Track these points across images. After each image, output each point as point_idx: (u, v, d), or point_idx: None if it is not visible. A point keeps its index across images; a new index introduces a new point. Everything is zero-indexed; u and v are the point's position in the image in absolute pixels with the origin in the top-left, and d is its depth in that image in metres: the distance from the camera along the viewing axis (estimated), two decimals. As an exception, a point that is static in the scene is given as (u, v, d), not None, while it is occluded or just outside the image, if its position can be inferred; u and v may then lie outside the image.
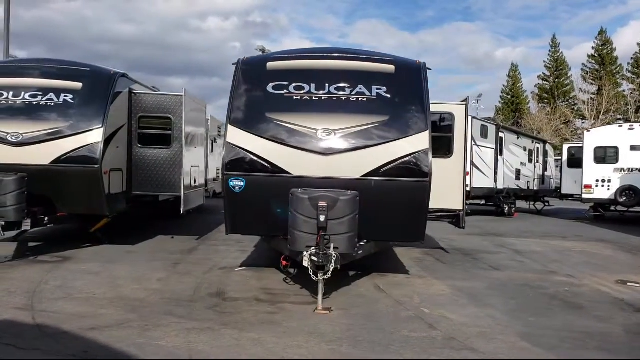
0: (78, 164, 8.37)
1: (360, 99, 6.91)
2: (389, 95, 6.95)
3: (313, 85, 7.02)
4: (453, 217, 9.70)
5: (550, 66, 59.60)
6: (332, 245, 5.98)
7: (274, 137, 6.79)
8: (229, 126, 6.88)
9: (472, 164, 16.04)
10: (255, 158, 6.77)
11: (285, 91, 7.01)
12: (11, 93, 8.62)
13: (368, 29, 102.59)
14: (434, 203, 9.27)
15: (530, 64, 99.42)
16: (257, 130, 6.84)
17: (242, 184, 6.80)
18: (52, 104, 8.58)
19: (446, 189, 9.19)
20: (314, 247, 5.94)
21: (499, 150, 17.95)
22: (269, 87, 7.05)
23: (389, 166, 6.67)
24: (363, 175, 6.69)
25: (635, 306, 6.62)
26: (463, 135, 9.29)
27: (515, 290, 7.35)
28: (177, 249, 9.78)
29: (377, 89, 6.97)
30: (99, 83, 8.93)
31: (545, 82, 59.73)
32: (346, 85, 7.00)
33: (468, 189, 15.71)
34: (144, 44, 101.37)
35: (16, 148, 8.35)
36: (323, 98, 6.94)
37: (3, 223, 7.72)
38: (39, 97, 8.60)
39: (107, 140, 8.72)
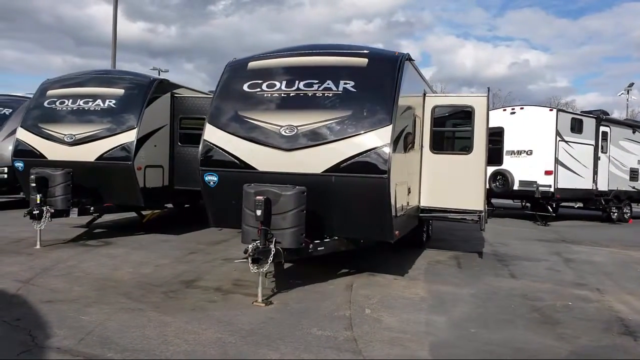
0: (114, 161, 9.52)
1: (326, 95, 6.85)
2: (355, 90, 6.77)
3: (284, 82, 7.12)
4: (477, 218, 8.96)
5: None
6: (274, 240, 6.08)
7: (243, 134, 7.05)
8: (206, 124, 7.30)
9: (558, 161, 14.44)
10: (227, 154, 7.11)
11: (258, 89, 7.22)
12: (70, 100, 10.11)
13: (520, 19, 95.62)
14: (450, 203, 8.79)
15: None
16: (229, 127, 7.17)
17: (216, 179, 7.19)
18: (99, 109, 9.86)
19: (464, 188, 8.61)
20: (258, 241, 6.09)
21: (600, 147, 15.83)
22: (245, 86, 7.32)
23: (348, 162, 6.53)
24: (324, 171, 6.64)
25: (630, 328, 5.61)
26: (485, 131, 8.57)
27: (501, 300, 6.65)
28: (210, 240, 10.50)
29: (345, 83, 6.84)
30: (137, 89, 10.01)
31: None
32: (315, 81, 6.97)
33: (552, 189, 14.29)
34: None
35: (70, 147, 9.77)
36: (291, 95, 7.01)
37: (52, 210, 9.08)
38: (90, 103, 9.95)
39: (142, 140, 9.75)
